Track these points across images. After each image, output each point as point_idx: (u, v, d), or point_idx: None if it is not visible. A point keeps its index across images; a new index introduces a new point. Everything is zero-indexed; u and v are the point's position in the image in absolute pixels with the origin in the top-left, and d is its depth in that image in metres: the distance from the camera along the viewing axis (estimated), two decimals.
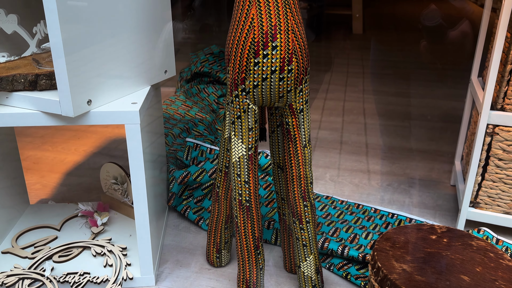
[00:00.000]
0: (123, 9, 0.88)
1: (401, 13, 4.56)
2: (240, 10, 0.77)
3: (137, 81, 0.95)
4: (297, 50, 0.77)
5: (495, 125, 1.05)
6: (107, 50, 0.85)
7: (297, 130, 0.84)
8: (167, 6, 1.05)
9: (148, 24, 0.97)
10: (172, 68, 1.08)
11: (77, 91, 0.79)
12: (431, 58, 3.01)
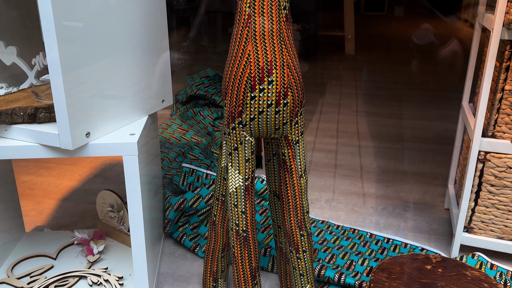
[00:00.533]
0: (122, 40, 0.90)
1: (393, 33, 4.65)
2: (237, 46, 0.79)
3: (135, 111, 0.96)
4: (292, 84, 0.79)
5: (487, 152, 1.07)
6: (106, 81, 0.87)
7: (293, 161, 0.86)
8: (165, 35, 1.07)
9: (146, 54, 0.99)
10: (169, 97, 1.09)
11: (76, 124, 0.80)
12: (423, 78, 3.06)
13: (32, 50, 1.03)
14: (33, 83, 0.95)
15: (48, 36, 0.73)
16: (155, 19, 1.00)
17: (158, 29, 1.02)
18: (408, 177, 1.63)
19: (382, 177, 1.64)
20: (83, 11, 0.79)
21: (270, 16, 0.77)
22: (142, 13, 0.95)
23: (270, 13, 0.77)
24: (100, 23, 0.83)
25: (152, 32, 0.99)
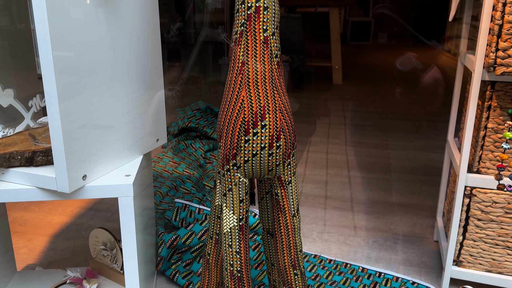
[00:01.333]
0: (118, 80, 0.92)
1: (379, 62, 4.77)
2: (231, 92, 0.82)
3: (130, 151, 0.98)
4: (285, 127, 0.82)
5: (473, 187, 1.10)
6: (103, 122, 0.89)
7: (286, 201, 0.88)
8: (160, 74, 1.10)
9: (142, 93, 1.01)
10: (164, 136, 1.12)
11: (73, 167, 0.81)
12: (408, 108, 3.13)
13: (29, 92, 1.05)
14: (30, 125, 0.96)
15: (47, 84, 0.75)
16: (151, 58, 1.03)
17: (154, 67, 1.05)
18: (397, 208, 1.66)
19: (372, 208, 1.66)
20: (82, 58, 0.81)
21: (263, 64, 0.80)
22: (138, 53, 0.98)
23: (263, 61, 0.80)
24: (98, 65, 0.86)
25: (147, 71, 1.02)
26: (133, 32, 0.95)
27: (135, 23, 0.95)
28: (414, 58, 4.27)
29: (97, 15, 0.84)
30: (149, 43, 1.02)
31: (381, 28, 6.04)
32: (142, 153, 1.02)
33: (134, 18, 0.95)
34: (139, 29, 0.97)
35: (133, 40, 0.95)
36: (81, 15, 0.80)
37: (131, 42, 0.95)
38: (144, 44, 1.00)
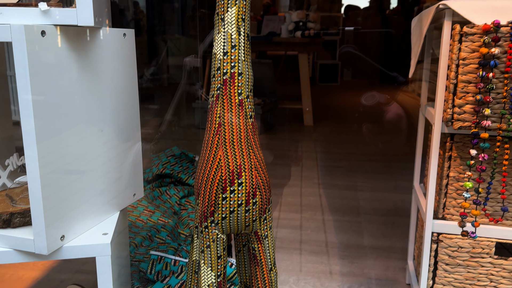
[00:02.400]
0: (96, 135, 0.94)
1: (347, 103, 4.95)
2: (209, 151, 0.86)
3: (107, 208, 0.99)
4: (260, 184, 0.86)
5: (439, 233, 1.16)
6: (81, 180, 0.90)
7: (263, 255, 0.90)
8: (137, 127, 1.13)
9: (119, 147, 1.03)
10: (140, 190, 1.13)
11: (51, 228, 0.82)
12: (376, 148, 3.25)
13: (6, 151, 1.06)
14: (7, 184, 0.96)
15: (28, 146, 0.77)
16: (128, 111, 1.06)
17: (131, 120, 1.08)
18: (370, 251, 1.70)
19: (346, 252, 1.69)
20: (60, 115, 0.84)
21: (239, 125, 0.85)
22: (116, 107, 1.01)
23: (238, 123, 0.85)
24: (76, 120, 0.88)
25: (125, 125, 1.05)
26: (111, 86, 0.98)
27: (113, 78, 0.99)
28: (377, 94, 4.54)
29: (77, 71, 0.87)
30: (126, 97, 1.05)
31: (348, 70, 6.31)
32: (119, 209, 1.03)
33: (112, 73, 0.98)
34: (117, 84, 1.00)
35: (111, 94, 0.98)
36: (61, 71, 0.83)
37: (109, 97, 0.98)
38: (122, 98, 1.03)
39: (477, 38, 0.99)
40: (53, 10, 0.78)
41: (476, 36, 0.99)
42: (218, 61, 0.85)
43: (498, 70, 0.98)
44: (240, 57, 0.85)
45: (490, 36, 0.96)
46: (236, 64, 0.85)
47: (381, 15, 6.88)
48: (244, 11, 0.85)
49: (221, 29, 0.85)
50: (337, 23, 6.60)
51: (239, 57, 0.85)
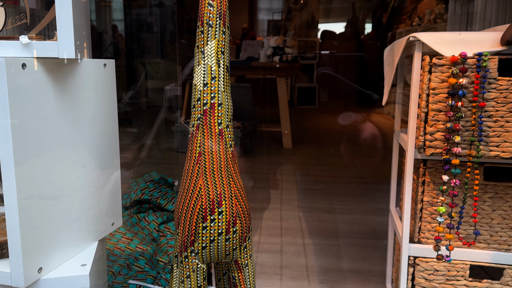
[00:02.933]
0: (74, 162, 0.94)
1: (324, 126, 5.03)
2: (189, 180, 0.86)
3: (85, 238, 0.98)
4: (240, 213, 0.87)
5: (415, 257, 1.19)
6: (59, 209, 0.89)
7: (243, 284, 0.91)
8: (116, 155, 1.13)
9: (98, 175, 1.03)
10: (119, 219, 1.12)
11: (28, 260, 0.80)
12: (354, 170, 3.30)
13: None
14: None
15: (5, 174, 0.76)
16: (108, 138, 1.06)
17: (110, 148, 1.08)
18: (349, 275, 1.71)
19: (326, 277, 1.70)
20: (38, 144, 0.83)
21: (219, 155, 0.86)
22: (95, 134, 1.01)
23: (219, 152, 0.86)
24: (55, 147, 0.88)
25: (104, 152, 1.05)
26: (90, 115, 0.98)
27: (93, 107, 0.99)
28: (353, 114, 4.70)
29: (56, 101, 0.87)
30: (106, 126, 1.05)
31: (324, 91, 6.44)
32: (97, 238, 1.02)
33: (92, 102, 0.98)
34: (96, 113, 1.01)
35: (91, 123, 0.99)
36: (41, 101, 0.83)
37: (88, 126, 0.98)
38: (101, 127, 1.03)
39: (446, 69, 1.04)
40: (34, 43, 0.79)
41: (445, 67, 1.04)
42: (199, 92, 0.87)
43: (466, 100, 1.03)
44: (220, 88, 0.87)
45: (458, 67, 1.01)
46: (216, 95, 0.87)
47: (356, 40, 7.09)
48: (223, 44, 0.87)
49: (201, 61, 0.87)
50: (313, 48, 6.77)
51: (218, 88, 0.87)
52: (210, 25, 0.86)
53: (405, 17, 5.82)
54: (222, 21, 0.87)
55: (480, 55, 1.00)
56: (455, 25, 3.51)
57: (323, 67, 6.51)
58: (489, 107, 1.02)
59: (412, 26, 4.75)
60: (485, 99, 1.02)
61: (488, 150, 1.04)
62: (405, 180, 1.17)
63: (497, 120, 1.03)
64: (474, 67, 1.01)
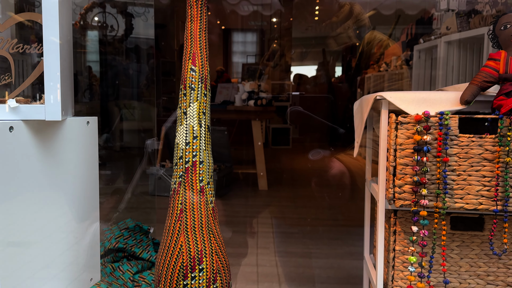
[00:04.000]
0: (53, 218, 0.95)
1: (299, 167, 5.11)
2: (170, 237, 0.89)
3: None
4: (221, 269, 0.89)
5: None
6: (36, 263, 0.89)
7: None
8: (96, 207, 1.14)
9: (76, 227, 1.03)
10: (97, 274, 1.12)
11: None
12: (328, 213, 3.35)
13: None
14: None
15: None
16: (88, 191, 1.07)
17: (90, 201, 1.09)
18: None
19: None
20: (19, 199, 0.84)
21: (200, 211, 0.89)
22: (76, 187, 1.02)
23: (200, 208, 0.89)
24: (36, 203, 0.89)
25: (83, 204, 1.06)
26: (72, 170, 1.00)
27: (75, 163, 1.01)
28: (322, 151, 4.88)
29: (40, 157, 0.89)
30: (86, 180, 1.07)
31: (296, 128, 6.60)
32: None
33: (74, 158, 1.01)
34: (78, 168, 1.02)
35: (72, 177, 1.00)
36: (25, 158, 0.85)
37: (70, 180, 0.99)
38: (82, 180, 1.05)
39: (411, 126, 1.12)
40: (22, 107, 0.82)
41: (410, 125, 1.12)
42: (181, 151, 0.91)
43: (431, 155, 1.11)
44: (201, 147, 0.91)
45: (422, 125, 1.09)
46: (198, 153, 0.91)
47: (327, 83, 7.36)
48: (204, 105, 0.92)
49: (183, 121, 0.91)
50: (287, 91, 6.97)
51: (200, 147, 0.91)
52: (192, 88, 0.91)
53: (373, 63, 6.11)
54: (204, 84, 0.93)
55: (442, 114, 1.09)
56: (420, 70, 3.73)
57: (295, 106, 6.71)
58: (452, 162, 1.10)
59: (380, 72, 4.99)
60: (448, 154, 1.10)
61: (453, 202, 1.11)
62: (378, 230, 1.22)
63: (460, 174, 1.10)
64: (436, 125, 1.10)
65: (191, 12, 0.93)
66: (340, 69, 7.59)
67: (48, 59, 0.81)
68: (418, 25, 4.94)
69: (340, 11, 5.48)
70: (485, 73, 1.09)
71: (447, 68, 3.04)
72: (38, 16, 1.04)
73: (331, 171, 4.22)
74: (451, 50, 2.89)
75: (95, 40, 5.67)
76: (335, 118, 6.45)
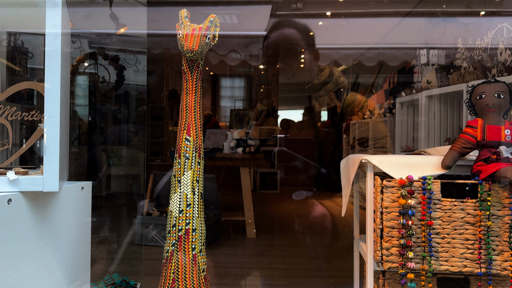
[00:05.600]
0: (45, 277, 0.94)
1: (287, 212, 5.11)
2: None
3: None
4: None
5: None
6: None
7: None
8: (87, 269, 1.13)
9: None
10: None
11: None
12: (317, 262, 3.33)
13: None
14: None
15: None
16: (79, 253, 1.07)
17: (81, 263, 1.09)
18: None
19: None
20: (12, 260, 0.84)
21: (192, 280, 0.91)
22: (68, 249, 1.02)
23: (192, 277, 0.91)
24: (28, 264, 0.88)
25: (75, 265, 1.05)
26: (65, 233, 1.01)
27: (68, 226, 1.02)
28: (305, 192, 4.95)
29: (35, 224, 0.90)
30: (78, 241, 1.07)
31: (285, 173, 6.64)
32: None
33: (68, 221, 1.02)
34: (71, 230, 1.03)
35: (65, 239, 1.01)
36: (20, 226, 0.86)
37: (62, 242, 1.00)
38: (74, 242, 1.05)
39: (395, 190, 1.16)
40: (20, 179, 0.84)
41: (394, 189, 1.16)
42: (174, 219, 0.93)
43: (416, 218, 1.15)
44: (194, 214, 0.94)
45: (406, 189, 1.14)
46: (191, 221, 0.93)
47: (313, 128, 7.51)
48: (198, 173, 0.96)
49: (177, 189, 0.94)
50: (274, 135, 7.09)
51: (193, 214, 0.94)
52: (186, 157, 0.95)
53: (358, 109, 6.27)
54: (198, 153, 0.97)
55: (425, 179, 1.14)
56: (403, 117, 3.85)
57: (280, 147, 6.81)
58: (436, 225, 1.14)
59: (364, 119, 5.13)
60: (432, 218, 1.14)
61: (438, 264, 1.14)
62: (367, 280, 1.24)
63: (444, 237, 1.14)
64: (420, 189, 1.14)
65: (187, 86, 0.98)
66: (325, 113, 7.75)
67: (49, 134, 0.85)
68: (400, 74, 5.14)
69: (321, 74, 5.71)
70: (464, 140, 1.15)
71: (429, 115, 3.15)
72: (39, 86, 1.08)
73: (313, 214, 4.27)
74: (432, 103, 3.02)
75: (84, 85, 5.73)
76: (320, 161, 6.53)
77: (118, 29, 3.61)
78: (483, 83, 1.17)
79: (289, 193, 6.29)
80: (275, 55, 6.02)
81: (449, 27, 4.89)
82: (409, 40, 5.42)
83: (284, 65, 6.41)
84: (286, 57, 6.06)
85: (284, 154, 6.47)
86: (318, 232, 3.86)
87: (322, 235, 3.91)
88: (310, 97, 7.56)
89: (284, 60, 6.07)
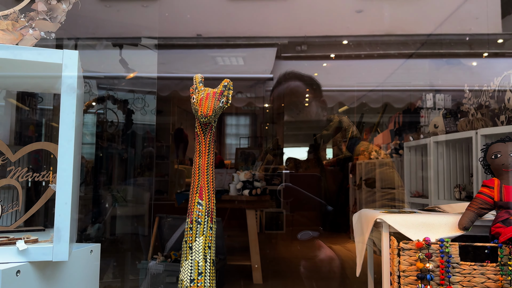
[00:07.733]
0: None
1: (293, 255, 5.01)
2: None
3: None
4: None
5: None
6: None
7: None
8: None
9: None
10: None
11: None
12: None
13: None
14: None
15: None
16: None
17: None
18: None
19: None
20: None
21: None
22: None
23: None
24: None
25: None
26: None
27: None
28: (311, 232, 4.88)
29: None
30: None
31: (290, 210, 6.57)
32: None
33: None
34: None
35: None
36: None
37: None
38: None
39: (412, 253, 1.13)
40: (30, 249, 0.82)
41: (411, 251, 1.13)
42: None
43: (434, 282, 1.11)
44: (206, 284, 0.90)
45: (424, 252, 1.11)
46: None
47: (319, 167, 7.49)
48: (210, 239, 0.93)
49: (188, 256, 0.92)
50: (280, 174, 7.05)
51: (205, 284, 0.90)
52: (198, 223, 0.93)
53: (363, 149, 6.26)
54: (210, 217, 0.94)
55: (443, 241, 1.11)
56: (411, 156, 3.81)
57: (286, 183, 6.75)
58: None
59: (371, 160, 5.11)
60: (451, 282, 1.10)
61: None
62: None
63: None
64: (438, 252, 1.11)
65: (200, 148, 0.97)
66: (330, 150, 7.74)
67: (60, 202, 0.83)
68: (405, 114, 5.16)
69: (330, 124, 5.78)
70: (480, 200, 1.13)
71: (438, 160, 3.13)
72: (51, 146, 1.08)
73: (319, 257, 4.17)
74: (440, 148, 3.00)
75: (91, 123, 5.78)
76: (327, 200, 6.47)
77: (128, 73, 3.67)
78: (498, 142, 1.16)
79: (296, 233, 6.18)
80: (281, 93, 6.08)
81: (453, 69, 4.95)
82: (414, 81, 5.49)
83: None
84: (292, 94, 6.12)
85: (290, 190, 6.40)
86: (326, 277, 3.76)
87: (330, 280, 3.80)
88: (315, 135, 7.58)
89: (289, 96, 6.13)
